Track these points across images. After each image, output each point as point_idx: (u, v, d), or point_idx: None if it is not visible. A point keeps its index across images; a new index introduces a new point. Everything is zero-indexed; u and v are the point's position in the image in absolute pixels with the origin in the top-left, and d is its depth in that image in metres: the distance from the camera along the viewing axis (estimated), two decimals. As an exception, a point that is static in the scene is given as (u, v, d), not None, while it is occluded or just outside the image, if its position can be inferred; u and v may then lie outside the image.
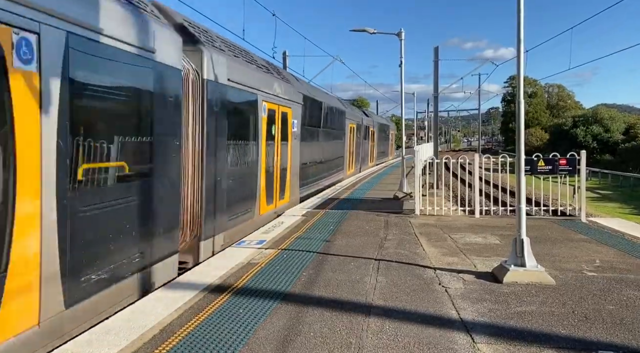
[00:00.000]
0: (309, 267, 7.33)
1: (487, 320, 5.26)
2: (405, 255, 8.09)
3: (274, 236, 9.64)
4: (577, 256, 8.09)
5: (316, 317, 5.30)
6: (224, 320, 5.18)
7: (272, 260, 7.70)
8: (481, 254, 8.24)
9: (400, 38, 18.17)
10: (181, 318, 5.23)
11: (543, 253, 8.06)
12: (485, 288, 6.35)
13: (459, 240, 9.43)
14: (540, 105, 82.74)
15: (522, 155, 7.04)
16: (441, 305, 5.73)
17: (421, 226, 10.90)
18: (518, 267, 6.70)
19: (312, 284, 6.48)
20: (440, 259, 7.88)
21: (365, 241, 9.20)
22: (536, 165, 11.48)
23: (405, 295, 6.07)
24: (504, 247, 8.65)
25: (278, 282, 6.58)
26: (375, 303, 5.75)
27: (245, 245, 8.93)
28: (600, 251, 8.47)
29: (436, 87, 25.60)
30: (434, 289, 6.32)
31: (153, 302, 5.75)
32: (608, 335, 4.86)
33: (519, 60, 6.84)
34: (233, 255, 8.10)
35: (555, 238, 9.51)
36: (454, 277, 6.89)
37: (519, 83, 6.95)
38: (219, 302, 5.76)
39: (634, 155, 43.98)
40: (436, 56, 24.50)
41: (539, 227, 10.68)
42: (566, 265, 7.51)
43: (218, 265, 7.40)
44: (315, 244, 8.89)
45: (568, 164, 11.54)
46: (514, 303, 5.78)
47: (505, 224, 11.12)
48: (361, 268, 7.28)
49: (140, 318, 5.21)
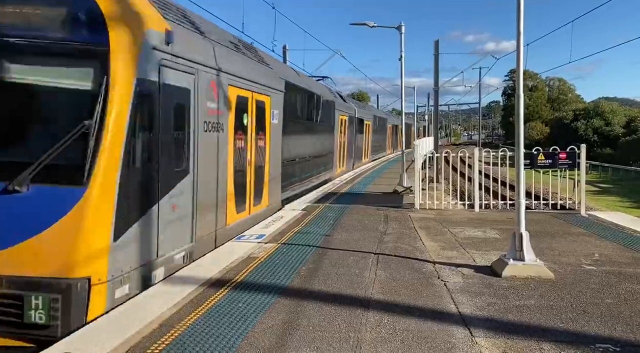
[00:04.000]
0: (308, 261, 7.34)
1: (485, 314, 5.27)
2: (405, 249, 8.10)
3: (274, 230, 9.65)
4: (576, 250, 8.10)
5: (315, 310, 5.32)
6: (223, 314, 5.19)
7: (271, 255, 7.71)
8: (480, 248, 8.25)
9: (400, 32, 18.12)
10: (180, 312, 5.24)
11: (542, 247, 8.06)
12: (484, 282, 6.37)
13: (458, 234, 9.44)
14: (541, 99, 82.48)
15: (521, 149, 7.03)
16: (440, 299, 5.74)
17: (421, 220, 10.91)
18: (517, 261, 6.71)
19: (311, 278, 6.49)
20: (440, 253, 7.89)
21: (365, 235, 9.21)
22: (536, 159, 11.46)
23: (404, 289, 6.08)
24: (503, 241, 8.66)
25: (277, 276, 6.59)
26: (375, 298, 5.76)
27: (245, 239, 8.94)
28: (599, 245, 8.48)
29: (436, 80, 25.54)
30: (433, 283, 6.33)
31: (152, 296, 5.76)
32: (606, 329, 4.88)
33: (518, 54, 6.82)
34: (233, 249, 8.11)
35: (555, 232, 9.52)
36: (453, 271, 6.90)
37: (519, 76, 6.94)
38: (219, 296, 5.77)
39: (635, 149, 43.92)
40: (436, 50, 24.44)
41: (538, 220, 10.68)
42: (565, 259, 7.52)
43: (218, 260, 7.41)
44: (315, 238, 8.90)
45: (568, 157, 11.52)
46: (512, 297, 5.80)
47: (504, 218, 11.12)
48: (360, 262, 7.30)
49: (140, 312, 5.22)
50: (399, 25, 18.07)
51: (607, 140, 53.28)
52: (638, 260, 7.46)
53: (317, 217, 11.14)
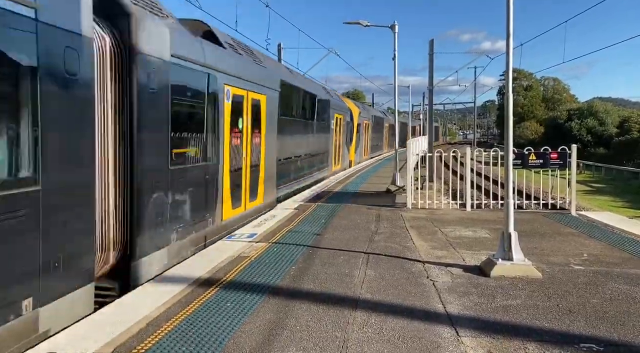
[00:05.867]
0: (298, 260, 7.36)
1: (472, 314, 5.30)
2: (395, 249, 8.13)
3: (265, 229, 9.66)
4: (565, 250, 8.15)
5: (303, 310, 5.33)
6: (210, 314, 5.21)
7: (262, 254, 7.72)
8: (471, 248, 8.29)
9: (394, 31, 18.13)
10: (168, 312, 5.25)
11: (531, 247, 8.11)
12: (472, 282, 6.40)
13: (449, 233, 9.47)
14: (536, 98, 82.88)
15: (510, 149, 7.08)
16: (428, 298, 5.77)
17: (412, 219, 10.94)
18: (505, 261, 6.75)
19: (301, 278, 6.51)
20: (430, 253, 7.92)
21: (356, 234, 9.23)
22: (527, 159, 11.53)
23: (393, 288, 6.11)
24: (493, 240, 8.70)
25: (267, 275, 6.60)
26: (363, 297, 5.78)
27: (235, 238, 8.95)
28: (588, 245, 8.53)
29: (431, 80, 25.61)
30: (422, 283, 6.36)
31: (141, 295, 5.77)
32: (591, 329, 4.92)
33: (507, 56, 6.86)
34: (223, 248, 8.12)
35: (545, 232, 9.57)
36: (442, 270, 6.93)
37: (508, 76, 6.98)
38: (207, 295, 5.78)
39: (628, 149, 44.18)
40: (431, 49, 24.50)
41: (528, 220, 10.74)
42: (554, 258, 7.57)
43: (208, 259, 7.42)
44: (306, 237, 8.92)
45: (559, 157, 11.59)
46: (499, 297, 5.83)
47: (496, 218, 11.17)
48: (350, 261, 7.32)
49: (127, 312, 5.23)
50: (393, 24, 18.08)
51: (601, 140, 53.58)
52: (626, 260, 7.52)
53: (309, 216, 11.15)
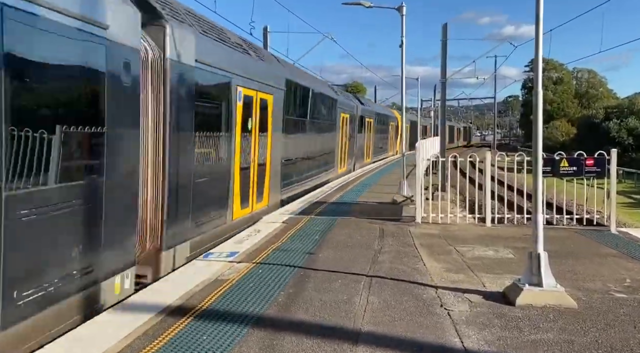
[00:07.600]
0: (288, 284, 7.33)
1: (494, 350, 5.29)
2: (403, 271, 8.12)
3: (249, 247, 9.63)
4: (604, 274, 8.17)
5: (294, 345, 5.31)
6: (183, 350, 5.16)
7: (244, 276, 7.69)
8: (491, 271, 8.29)
9: (401, 13, 18.24)
10: (132, 346, 5.20)
11: (564, 271, 8.13)
12: (494, 312, 6.39)
13: (466, 253, 9.49)
14: (567, 94, 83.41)
15: (539, 154, 7.09)
16: (442, 331, 5.76)
17: (422, 236, 10.95)
18: (533, 287, 6.74)
19: (290, 306, 6.48)
20: (444, 276, 7.92)
21: (356, 254, 9.22)
22: (558, 166, 11.53)
23: (400, 319, 6.09)
24: (518, 262, 8.70)
25: (251, 302, 6.57)
26: (365, 329, 5.76)
27: (213, 257, 8.91)
28: (631, 268, 8.55)
29: (444, 71, 25.61)
30: (435, 312, 6.35)
31: (99, 326, 5.72)
32: (636, 369, 4.92)
33: (537, 46, 6.88)
34: (198, 270, 8.08)
35: (579, 253, 9.60)
36: (459, 297, 6.93)
37: (537, 70, 7.00)
38: (179, 327, 5.74)
39: (675, 154, 44.47)
40: (444, 35, 24.53)
41: (560, 238, 10.77)
42: (591, 284, 7.58)
43: (179, 282, 7.37)
44: (297, 257, 8.90)
45: (596, 164, 11.61)
46: (527, 330, 5.82)
47: (521, 235, 11.19)
48: (350, 286, 7.30)
49: (84, 346, 5.17)
50: (400, 5, 18.17)
51: (645, 143, 53.84)
52: (675, 287, 7.54)
53: (300, 231, 11.14)
